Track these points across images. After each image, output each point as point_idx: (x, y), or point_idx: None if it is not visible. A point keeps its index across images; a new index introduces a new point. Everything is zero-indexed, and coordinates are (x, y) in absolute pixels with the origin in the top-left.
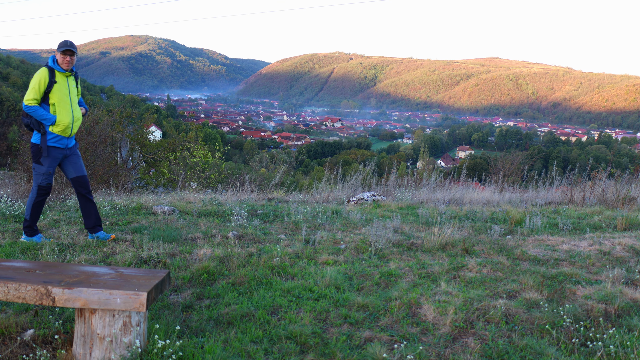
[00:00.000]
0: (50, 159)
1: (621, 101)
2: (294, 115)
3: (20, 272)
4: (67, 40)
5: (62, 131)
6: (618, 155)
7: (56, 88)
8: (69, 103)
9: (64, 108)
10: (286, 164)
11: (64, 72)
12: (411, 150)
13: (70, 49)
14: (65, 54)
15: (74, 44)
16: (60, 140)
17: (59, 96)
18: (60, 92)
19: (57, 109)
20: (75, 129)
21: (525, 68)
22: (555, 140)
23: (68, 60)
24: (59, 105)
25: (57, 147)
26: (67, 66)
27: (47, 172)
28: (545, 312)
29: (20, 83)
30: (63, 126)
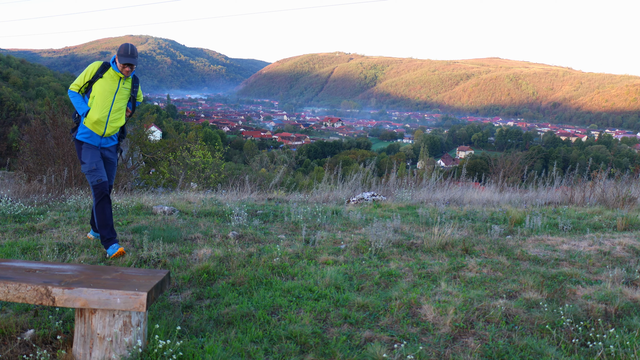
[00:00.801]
0: (90, 152)
1: (621, 101)
2: (294, 115)
3: (20, 272)
4: (128, 48)
5: (92, 127)
6: (618, 155)
7: (100, 82)
8: (110, 102)
9: (100, 104)
10: (286, 164)
11: (120, 73)
12: (411, 150)
13: (130, 63)
14: (126, 65)
15: (135, 53)
16: (92, 137)
17: (100, 91)
18: (103, 87)
19: (94, 102)
20: (110, 130)
21: (525, 68)
22: (555, 140)
23: (127, 70)
24: (97, 100)
25: (89, 143)
26: (126, 74)
27: (91, 167)
28: (545, 312)
29: (20, 83)
30: (92, 121)
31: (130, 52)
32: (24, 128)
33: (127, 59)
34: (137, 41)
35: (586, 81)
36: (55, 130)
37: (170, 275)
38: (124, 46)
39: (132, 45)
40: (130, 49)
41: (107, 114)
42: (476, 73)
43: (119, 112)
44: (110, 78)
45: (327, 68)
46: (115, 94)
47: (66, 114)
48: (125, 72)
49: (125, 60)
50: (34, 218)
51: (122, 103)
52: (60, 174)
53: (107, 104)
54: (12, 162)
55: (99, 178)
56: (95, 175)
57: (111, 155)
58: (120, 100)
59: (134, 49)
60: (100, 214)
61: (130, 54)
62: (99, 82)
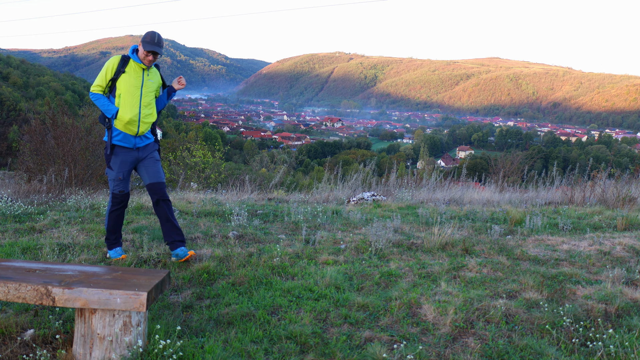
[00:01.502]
0: (119, 162)
1: (621, 101)
2: (294, 115)
3: (20, 272)
4: (154, 36)
5: (125, 127)
6: (618, 155)
7: (124, 78)
8: (138, 97)
9: (129, 101)
10: (286, 164)
11: (142, 64)
12: (411, 150)
13: (155, 51)
14: (149, 53)
15: (161, 42)
16: (125, 139)
17: (126, 88)
18: (128, 83)
19: (122, 101)
20: (143, 128)
21: (525, 68)
22: (555, 140)
23: (150, 59)
24: (124, 97)
25: (123, 146)
26: (149, 64)
27: (117, 177)
28: (545, 312)
29: (20, 83)
30: (124, 121)
31: (157, 40)
32: (24, 128)
33: (152, 47)
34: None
35: (586, 81)
36: (55, 130)
37: (170, 275)
38: (150, 33)
39: (158, 33)
40: (157, 37)
41: (137, 112)
42: (476, 73)
43: (149, 107)
44: (133, 71)
45: (327, 68)
46: (141, 87)
47: (66, 114)
48: (147, 62)
49: (150, 48)
50: (34, 218)
51: (150, 97)
52: (61, 174)
53: (136, 100)
54: (12, 162)
55: (121, 189)
56: (119, 186)
57: (149, 153)
58: (149, 93)
59: (160, 37)
60: (113, 220)
61: (156, 41)
62: (122, 77)
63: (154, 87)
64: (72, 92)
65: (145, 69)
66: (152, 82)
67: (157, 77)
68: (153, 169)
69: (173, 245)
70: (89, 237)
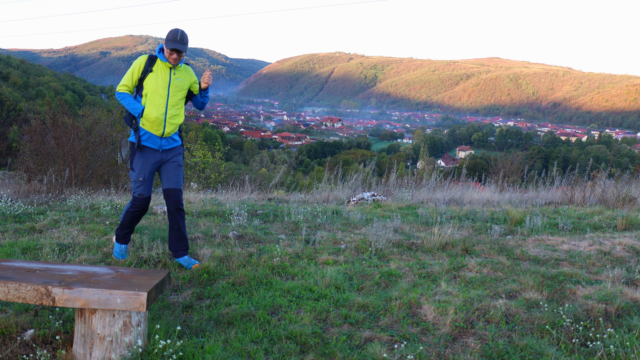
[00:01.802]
0: (142, 161)
1: (621, 101)
2: (294, 115)
3: (20, 272)
4: (177, 33)
5: (151, 127)
6: (618, 155)
7: (151, 77)
8: (165, 97)
9: (155, 101)
10: (286, 164)
11: (168, 63)
12: (411, 150)
13: (178, 49)
14: (173, 51)
15: (184, 39)
16: (151, 139)
17: (153, 87)
18: (155, 82)
19: (148, 100)
20: (169, 129)
21: (525, 68)
22: (555, 140)
23: (175, 58)
24: (151, 97)
25: (148, 147)
26: (174, 62)
27: (138, 178)
28: (545, 312)
29: (20, 83)
30: (150, 120)
31: (180, 38)
32: (24, 128)
33: (174, 44)
34: (137, 41)
35: (586, 81)
36: (55, 130)
37: (170, 275)
38: (173, 31)
39: (182, 30)
40: (180, 34)
41: (164, 111)
42: (476, 73)
43: (176, 107)
44: (160, 70)
45: (327, 68)
46: (168, 87)
47: (66, 114)
48: (172, 60)
49: (172, 46)
50: (34, 218)
51: (178, 96)
52: (61, 174)
53: (163, 99)
54: (12, 162)
55: (141, 193)
56: (140, 189)
57: (173, 157)
58: (176, 93)
59: (184, 35)
60: (128, 219)
61: (179, 39)
62: (149, 77)
63: (182, 86)
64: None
65: (173, 68)
66: (180, 80)
67: (188, 76)
68: (174, 173)
69: (177, 253)
70: (89, 237)
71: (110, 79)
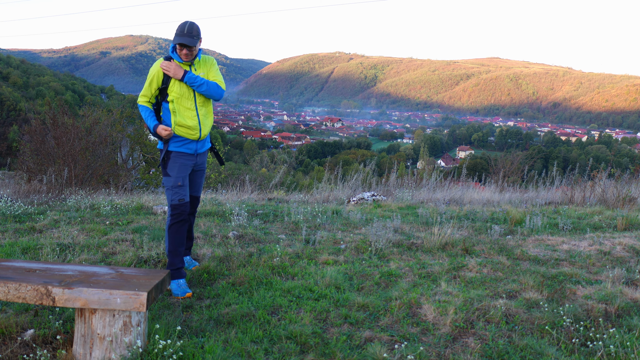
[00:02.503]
0: (179, 164)
1: (621, 101)
2: (294, 115)
3: (20, 272)
4: (184, 26)
5: (186, 133)
6: (618, 155)
7: (174, 82)
8: (192, 99)
9: (184, 104)
10: (286, 164)
11: (184, 63)
12: (411, 150)
13: (184, 43)
14: (181, 46)
15: (192, 31)
16: (186, 145)
17: (178, 91)
18: (179, 86)
19: (177, 106)
20: (205, 131)
21: (525, 68)
22: (555, 140)
23: (185, 53)
24: (179, 101)
25: (183, 152)
26: (185, 58)
27: (176, 183)
28: (545, 312)
29: (21, 83)
30: (184, 126)
31: (187, 31)
32: (24, 128)
33: (180, 38)
34: (137, 41)
35: (586, 81)
36: (55, 130)
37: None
38: (181, 24)
39: (191, 22)
40: (188, 27)
41: (195, 114)
42: (476, 73)
43: (205, 106)
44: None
45: (327, 68)
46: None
47: (66, 114)
48: (183, 56)
49: (178, 40)
50: (34, 218)
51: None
52: (61, 174)
53: (191, 102)
54: (13, 162)
55: (181, 197)
56: (178, 193)
57: (203, 162)
58: None
59: (192, 26)
60: (173, 236)
61: (186, 32)
62: (172, 82)
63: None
64: (72, 92)
65: (192, 65)
66: (203, 75)
67: (208, 68)
68: (198, 181)
69: None
70: (89, 237)
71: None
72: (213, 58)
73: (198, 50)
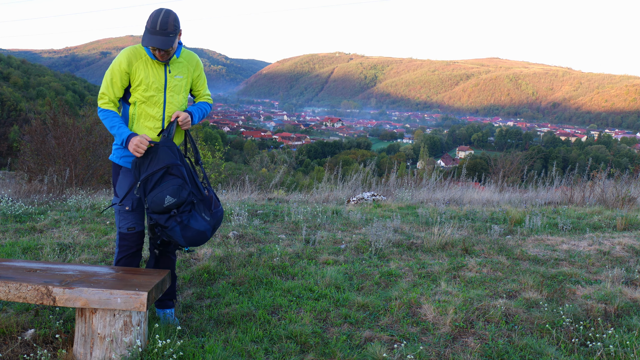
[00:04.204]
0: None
1: (621, 101)
2: (294, 115)
3: (21, 271)
4: (157, 21)
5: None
6: (618, 155)
7: (143, 79)
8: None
9: (147, 112)
10: (286, 164)
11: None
12: (411, 150)
13: (157, 47)
14: (154, 49)
15: (166, 28)
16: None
17: (144, 94)
18: (148, 86)
19: (138, 111)
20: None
21: (525, 68)
22: (555, 140)
23: (161, 54)
24: (142, 107)
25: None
26: (161, 59)
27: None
28: (545, 311)
29: (21, 83)
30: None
31: (160, 27)
32: (25, 128)
33: (151, 39)
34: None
35: (586, 81)
36: (56, 130)
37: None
38: (152, 16)
39: (165, 12)
40: (161, 21)
41: (161, 125)
42: (476, 73)
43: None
44: (150, 68)
45: (327, 68)
46: (164, 90)
47: (67, 114)
48: (159, 57)
49: (148, 41)
50: (34, 218)
51: (178, 101)
52: (61, 173)
53: (158, 109)
54: (13, 162)
55: (130, 226)
56: (127, 219)
57: None
58: (175, 96)
59: (167, 19)
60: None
61: (159, 28)
62: (139, 78)
63: (182, 85)
64: (72, 92)
65: (167, 65)
66: (180, 78)
67: (189, 68)
68: None
69: None
70: (90, 237)
71: None
72: (198, 57)
73: (177, 45)
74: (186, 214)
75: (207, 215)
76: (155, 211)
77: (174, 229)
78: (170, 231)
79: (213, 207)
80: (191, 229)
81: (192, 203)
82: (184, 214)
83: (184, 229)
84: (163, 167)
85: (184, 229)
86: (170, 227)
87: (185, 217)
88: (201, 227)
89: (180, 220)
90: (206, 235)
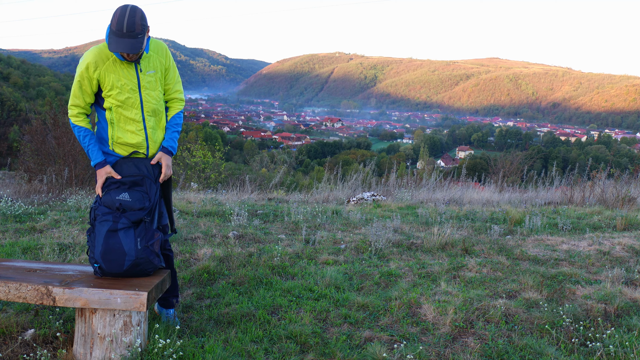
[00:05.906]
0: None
1: (621, 101)
2: (294, 115)
3: (21, 271)
4: (123, 21)
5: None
6: (617, 155)
7: (114, 82)
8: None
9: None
10: (286, 164)
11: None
12: (411, 150)
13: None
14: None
15: (134, 29)
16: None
17: (118, 97)
18: (121, 89)
19: (116, 116)
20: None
21: (525, 68)
22: (554, 140)
23: (130, 56)
24: (119, 111)
25: None
26: (130, 59)
27: None
28: (545, 312)
29: (21, 83)
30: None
31: (127, 28)
32: (25, 128)
33: (118, 43)
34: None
35: (586, 81)
36: (56, 130)
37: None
38: (118, 15)
39: (131, 10)
40: (128, 22)
41: (142, 127)
42: (476, 73)
43: (154, 115)
44: (120, 69)
45: (327, 68)
46: (139, 90)
47: (66, 114)
48: (129, 58)
49: (115, 46)
50: (34, 218)
51: (154, 97)
52: (61, 174)
53: (136, 111)
54: (13, 162)
55: None
56: None
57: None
58: (151, 93)
59: (134, 19)
60: None
61: (126, 31)
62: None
63: (155, 80)
64: None
65: (137, 64)
66: (151, 74)
67: (159, 60)
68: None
69: None
70: None
71: None
72: (166, 46)
73: (146, 42)
74: (127, 222)
75: (141, 243)
76: (105, 203)
77: (101, 225)
78: (98, 224)
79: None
80: (117, 240)
81: (142, 222)
82: (124, 218)
83: (110, 236)
84: (139, 175)
85: (111, 235)
86: (100, 220)
87: (123, 222)
88: (126, 247)
89: (116, 221)
90: (124, 259)
